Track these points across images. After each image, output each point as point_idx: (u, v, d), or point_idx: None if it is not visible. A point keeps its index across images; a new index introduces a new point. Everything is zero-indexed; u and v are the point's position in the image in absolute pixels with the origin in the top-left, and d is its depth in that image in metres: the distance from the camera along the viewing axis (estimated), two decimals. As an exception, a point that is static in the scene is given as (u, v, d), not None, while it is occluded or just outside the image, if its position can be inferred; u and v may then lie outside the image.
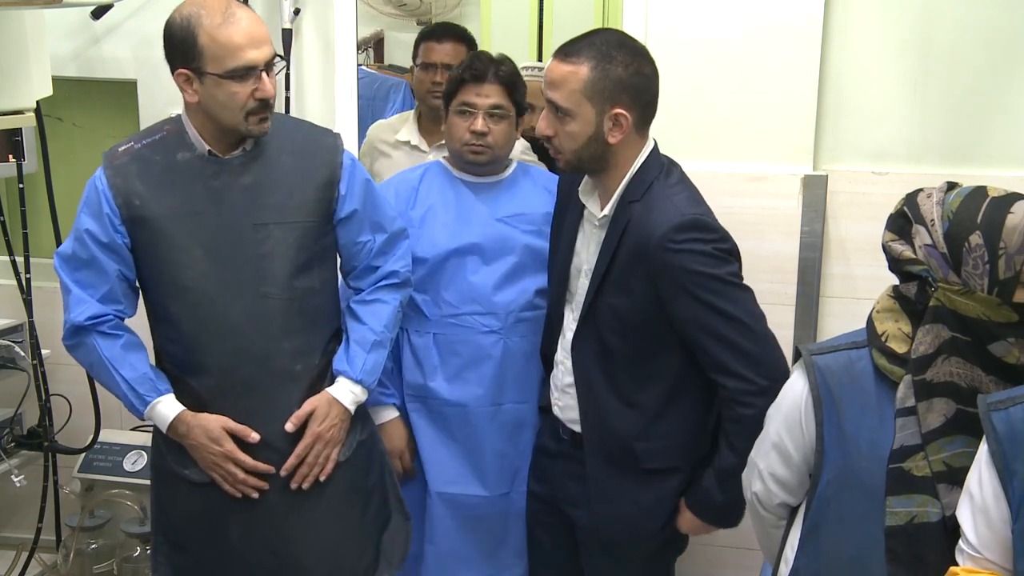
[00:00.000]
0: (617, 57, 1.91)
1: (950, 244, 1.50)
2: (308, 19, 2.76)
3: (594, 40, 1.94)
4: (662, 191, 1.97)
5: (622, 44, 1.94)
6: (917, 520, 1.53)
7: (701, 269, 1.91)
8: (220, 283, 2.00)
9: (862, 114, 2.53)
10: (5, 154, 2.63)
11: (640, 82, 1.94)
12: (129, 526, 2.82)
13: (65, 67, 2.90)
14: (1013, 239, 1.45)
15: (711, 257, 1.91)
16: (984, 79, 2.45)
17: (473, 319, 2.32)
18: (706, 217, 1.96)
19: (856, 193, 2.52)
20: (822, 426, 1.61)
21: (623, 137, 1.94)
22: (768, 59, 2.50)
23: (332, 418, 2.07)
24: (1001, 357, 1.49)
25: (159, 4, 2.85)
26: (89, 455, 2.91)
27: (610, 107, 1.92)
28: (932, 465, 1.52)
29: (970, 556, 1.42)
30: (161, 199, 2.00)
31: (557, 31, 4.69)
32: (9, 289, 2.86)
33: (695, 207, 1.97)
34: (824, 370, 1.62)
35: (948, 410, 1.52)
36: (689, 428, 2.06)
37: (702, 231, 1.92)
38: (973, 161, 2.47)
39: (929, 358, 1.53)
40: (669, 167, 2.04)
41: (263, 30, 1.94)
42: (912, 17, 2.46)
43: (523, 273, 2.34)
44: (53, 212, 2.72)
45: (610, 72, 1.90)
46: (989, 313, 1.48)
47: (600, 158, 1.97)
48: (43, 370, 2.79)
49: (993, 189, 1.52)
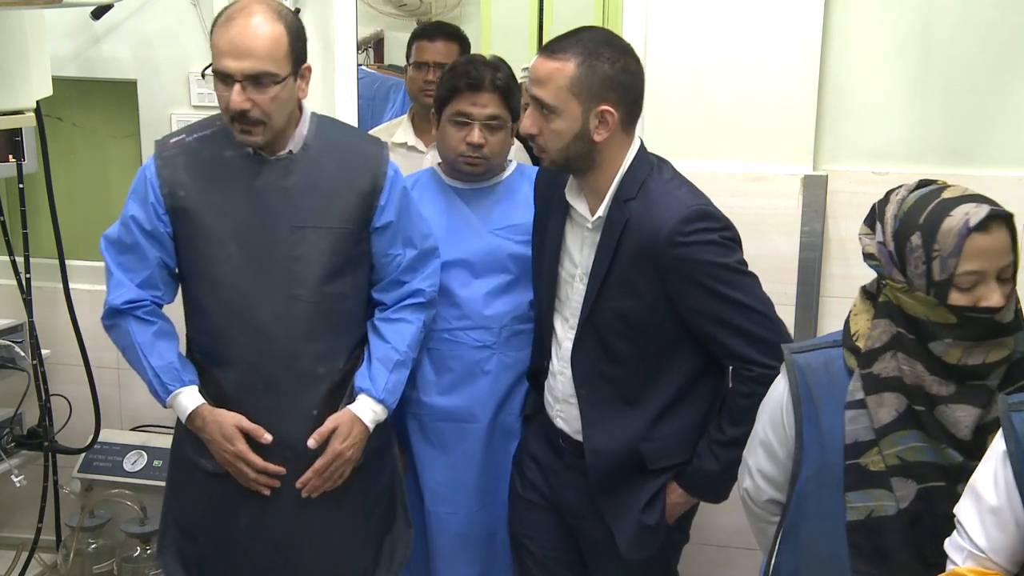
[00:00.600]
0: (604, 54, 1.89)
1: (896, 243, 1.53)
2: (308, 19, 2.75)
3: (581, 37, 1.93)
4: (659, 187, 1.95)
5: (608, 41, 1.92)
6: (875, 514, 1.56)
7: (713, 259, 1.90)
8: (252, 281, 2.03)
9: (862, 114, 2.53)
10: (5, 154, 2.63)
11: (627, 79, 1.91)
12: (129, 526, 2.82)
13: (65, 67, 2.90)
14: (947, 242, 1.47)
15: (721, 246, 1.91)
16: (984, 79, 2.45)
17: (465, 334, 2.30)
18: (710, 207, 1.94)
19: (856, 193, 2.52)
20: (801, 423, 1.63)
21: (609, 135, 1.91)
22: (768, 59, 2.50)
23: (353, 437, 2.08)
24: (941, 356, 1.51)
25: (159, 4, 2.86)
26: (89, 455, 2.91)
27: (596, 104, 1.89)
28: (886, 459, 1.55)
29: (973, 556, 1.42)
30: (204, 193, 2.03)
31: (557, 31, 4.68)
32: (9, 289, 2.86)
33: (697, 198, 1.95)
34: (804, 368, 1.65)
35: (899, 405, 1.54)
36: (694, 424, 2.04)
37: (709, 220, 1.91)
38: (973, 161, 2.47)
39: (877, 352, 1.56)
40: (659, 164, 2.01)
41: (255, 44, 1.89)
42: (912, 17, 2.46)
43: (515, 286, 2.31)
44: (53, 212, 2.72)
45: (597, 69, 1.88)
46: (928, 313, 1.50)
47: (586, 156, 1.93)
48: (43, 370, 2.79)
49: (953, 189, 1.53)
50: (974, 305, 1.47)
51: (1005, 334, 1.50)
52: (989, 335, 1.49)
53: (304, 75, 2.02)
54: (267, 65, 1.91)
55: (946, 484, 1.53)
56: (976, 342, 1.49)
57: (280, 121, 1.99)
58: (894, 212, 1.55)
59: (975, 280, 1.47)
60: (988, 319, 1.47)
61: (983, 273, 1.47)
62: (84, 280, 3.04)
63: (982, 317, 1.47)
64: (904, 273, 1.52)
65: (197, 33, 2.83)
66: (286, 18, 1.95)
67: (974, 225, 1.45)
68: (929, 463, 1.53)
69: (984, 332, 1.48)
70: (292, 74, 1.96)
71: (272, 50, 1.91)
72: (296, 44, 1.96)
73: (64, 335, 2.83)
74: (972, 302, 1.48)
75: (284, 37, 1.92)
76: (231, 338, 2.06)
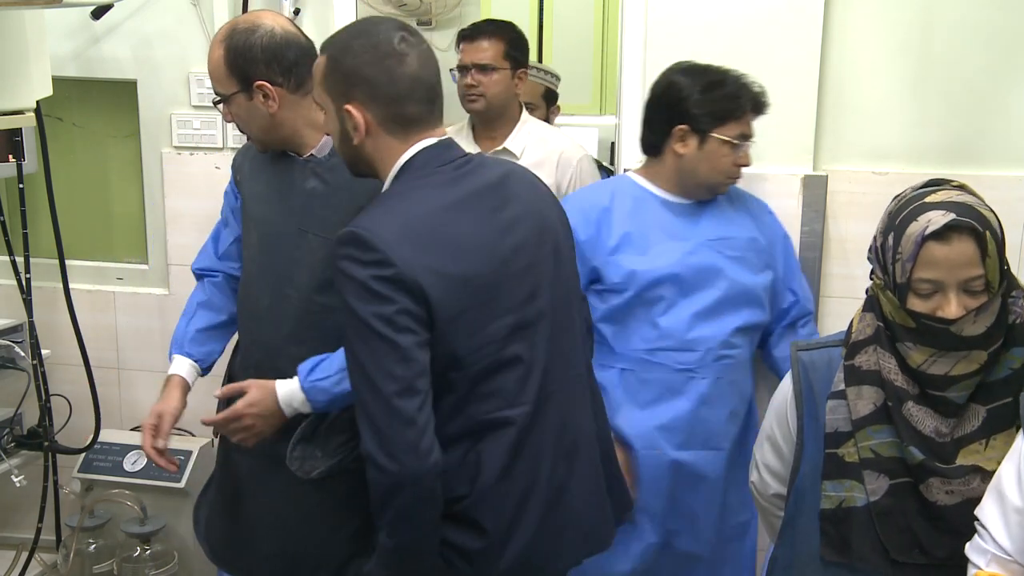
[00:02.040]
0: (353, 46, 1.68)
1: (880, 240, 1.54)
2: (308, 19, 2.76)
3: (345, 28, 1.76)
4: (375, 201, 1.71)
5: (364, 32, 1.70)
6: (845, 504, 1.58)
7: (348, 301, 1.58)
8: (260, 272, 2.12)
9: (862, 114, 2.53)
10: (5, 154, 2.63)
11: (376, 74, 1.66)
12: (129, 526, 2.82)
13: (65, 67, 2.90)
14: (907, 246, 1.48)
15: (361, 288, 1.56)
16: (984, 79, 2.45)
17: (667, 355, 2.25)
18: (368, 233, 1.57)
19: (856, 193, 2.52)
20: (802, 419, 1.65)
21: (366, 138, 1.69)
22: (768, 59, 2.50)
23: (258, 406, 1.96)
24: (904, 357, 1.52)
25: (159, 4, 2.86)
26: (89, 455, 2.91)
27: (342, 103, 1.69)
28: (860, 452, 1.56)
29: (998, 559, 1.41)
30: (252, 181, 2.17)
31: (557, 31, 4.69)
32: (9, 289, 2.86)
33: (371, 220, 1.62)
34: (808, 366, 1.66)
35: (877, 399, 1.56)
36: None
37: (359, 249, 1.57)
38: (973, 161, 2.47)
39: (860, 344, 1.58)
40: (420, 177, 1.68)
41: (209, 68, 2.03)
42: (912, 17, 2.46)
43: (725, 307, 2.25)
44: (53, 212, 2.72)
45: (340, 64, 1.68)
46: (894, 314, 1.52)
47: (359, 160, 1.75)
48: (43, 370, 2.79)
49: (945, 194, 1.51)
50: (931, 313, 1.47)
51: (975, 347, 1.48)
52: (949, 346, 1.48)
53: (260, 91, 1.99)
54: (215, 86, 2.05)
55: (912, 481, 1.54)
56: (938, 351, 1.48)
57: (256, 132, 2.06)
58: (889, 209, 1.56)
59: (932, 288, 1.47)
60: (944, 329, 1.46)
61: (939, 283, 1.46)
62: (84, 280, 3.05)
63: (937, 326, 1.47)
64: (883, 271, 1.54)
65: (197, 33, 2.82)
66: (231, 38, 2.00)
67: (928, 234, 1.45)
68: (900, 459, 1.54)
69: (943, 342, 1.48)
70: (240, 91, 2.01)
71: (214, 72, 2.03)
72: (236, 62, 1.99)
73: (64, 335, 2.83)
74: (930, 310, 1.48)
75: (221, 59, 2.00)
76: (241, 319, 2.21)
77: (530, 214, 1.74)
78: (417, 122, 1.69)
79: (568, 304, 1.80)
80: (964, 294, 1.46)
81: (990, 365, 1.50)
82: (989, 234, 1.46)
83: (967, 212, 1.46)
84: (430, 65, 1.71)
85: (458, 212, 1.66)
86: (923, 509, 1.54)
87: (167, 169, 2.95)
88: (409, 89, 1.67)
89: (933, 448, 1.52)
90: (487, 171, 1.76)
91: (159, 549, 2.83)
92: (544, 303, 1.72)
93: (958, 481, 1.51)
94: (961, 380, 1.49)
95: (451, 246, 1.62)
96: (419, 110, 1.69)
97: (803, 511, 1.65)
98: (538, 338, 1.70)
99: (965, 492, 1.50)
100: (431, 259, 1.58)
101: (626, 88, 2.60)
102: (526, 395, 1.68)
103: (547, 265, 1.74)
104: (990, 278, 1.47)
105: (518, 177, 1.81)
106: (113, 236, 3.15)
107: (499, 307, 1.65)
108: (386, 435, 1.54)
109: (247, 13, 2.10)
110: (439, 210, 1.65)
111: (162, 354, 3.04)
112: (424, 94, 1.69)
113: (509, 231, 1.70)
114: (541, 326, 1.71)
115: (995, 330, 1.48)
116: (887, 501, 1.55)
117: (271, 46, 1.99)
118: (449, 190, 1.68)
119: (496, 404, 1.66)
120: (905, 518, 1.54)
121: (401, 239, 1.57)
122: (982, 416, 1.51)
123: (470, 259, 1.63)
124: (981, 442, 1.51)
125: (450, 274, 1.60)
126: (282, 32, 2.01)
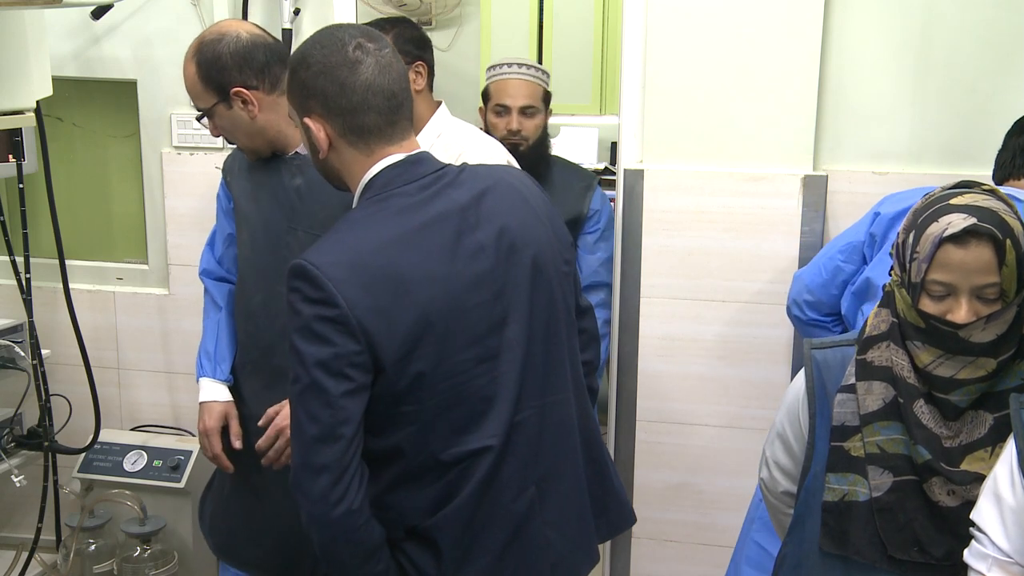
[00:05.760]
0: (309, 58, 1.61)
1: (902, 237, 1.54)
2: (308, 19, 2.76)
3: (308, 39, 1.67)
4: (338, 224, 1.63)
5: (319, 42, 1.62)
6: (847, 498, 1.58)
7: (291, 333, 1.53)
8: (253, 269, 2.17)
9: (862, 114, 2.53)
10: (5, 154, 2.63)
11: (327, 86, 1.59)
12: (129, 526, 2.82)
13: (65, 67, 2.90)
14: (924, 247, 1.47)
15: (304, 326, 1.51)
16: (984, 79, 2.45)
17: None
18: (316, 270, 1.50)
19: (856, 193, 2.52)
20: (814, 418, 1.64)
21: (331, 153, 1.64)
22: (768, 59, 2.50)
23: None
24: (913, 356, 1.52)
25: (159, 4, 2.86)
26: (89, 455, 2.92)
27: (302, 116, 1.64)
28: (867, 447, 1.56)
29: (999, 563, 1.41)
30: (241, 181, 2.21)
31: (557, 31, 4.69)
32: (9, 289, 2.86)
33: (320, 255, 1.53)
34: (822, 364, 1.65)
35: (887, 395, 1.55)
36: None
37: (304, 283, 1.51)
38: (973, 161, 2.46)
39: (873, 340, 1.58)
40: (387, 197, 1.60)
41: (189, 86, 2.08)
42: (912, 17, 2.46)
43: None
44: (53, 212, 2.72)
45: (296, 76, 1.63)
46: (906, 312, 1.52)
47: (331, 175, 1.70)
48: (43, 370, 2.79)
49: (968, 197, 1.49)
50: (941, 316, 1.47)
51: (983, 354, 1.47)
52: (956, 350, 1.47)
53: (238, 98, 2.03)
54: (196, 103, 2.09)
55: (916, 480, 1.54)
56: (946, 353, 1.48)
57: (243, 140, 2.10)
58: (916, 207, 1.55)
59: (945, 291, 1.46)
60: (952, 333, 1.46)
61: (952, 286, 1.46)
62: (84, 280, 3.05)
63: (945, 329, 1.46)
64: (901, 268, 1.54)
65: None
66: (200, 52, 2.05)
67: (946, 236, 1.44)
68: (906, 456, 1.54)
69: (949, 345, 1.47)
70: (219, 102, 2.05)
71: (192, 88, 2.08)
72: (210, 74, 2.03)
73: (64, 335, 2.83)
74: (941, 312, 1.47)
75: (195, 74, 2.05)
76: (237, 316, 2.25)
77: (505, 234, 1.63)
78: (377, 133, 1.61)
79: (550, 325, 1.69)
80: (977, 300, 1.45)
81: (1000, 373, 1.49)
82: (1010, 242, 1.44)
83: (989, 218, 1.44)
84: (390, 72, 1.60)
85: (415, 243, 1.56)
86: (925, 508, 1.53)
87: (167, 169, 2.96)
88: (362, 99, 1.58)
89: (940, 449, 1.51)
90: (461, 189, 1.64)
91: (159, 549, 2.84)
92: (515, 331, 1.62)
93: (960, 486, 1.50)
94: (966, 385, 1.49)
95: (403, 284, 1.53)
96: (377, 120, 1.60)
97: (813, 509, 1.64)
98: (505, 368, 1.61)
99: (966, 496, 1.50)
100: (379, 299, 1.51)
101: (626, 88, 2.61)
102: (490, 428, 1.60)
103: (521, 290, 1.64)
104: (1006, 287, 1.45)
105: (500, 192, 1.68)
106: (113, 236, 3.16)
107: (459, 341, 1.57)
108: (299, 476, 1.52)
109: (212, 25, 2.13)
110: (394, 242, 1.55)
111: (162, 354, 3.07)
112: (383, 103, 1.59)
113: (474, 258, 1.59)
114: (509, 356, 1.62)
115: (1006, 339, 1.47)
116: (889, 498, 1.55)
117: (239, 51, 2.03)
118: (408, 217, 1.58)
119: (459, 438, 1.59)
120: (906, 516, 1.54)
121: (350, 276, 1.50)
122: (989, 424, 1.50)
123: (423, 296, 1.53)
124: (987, 449, 1.50)
125: (400, 315, 1.52)
126: (248, 36, 2.05)
